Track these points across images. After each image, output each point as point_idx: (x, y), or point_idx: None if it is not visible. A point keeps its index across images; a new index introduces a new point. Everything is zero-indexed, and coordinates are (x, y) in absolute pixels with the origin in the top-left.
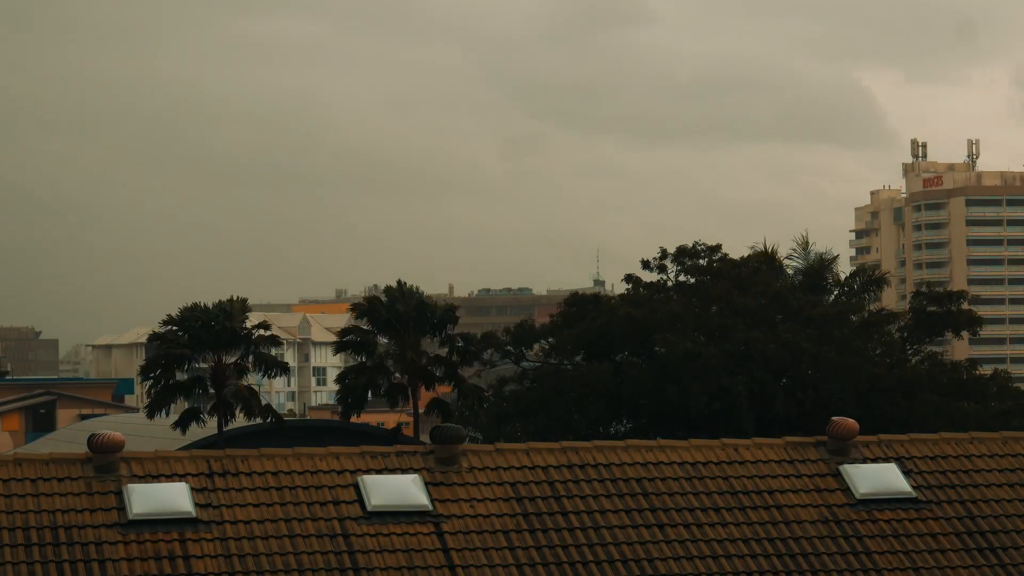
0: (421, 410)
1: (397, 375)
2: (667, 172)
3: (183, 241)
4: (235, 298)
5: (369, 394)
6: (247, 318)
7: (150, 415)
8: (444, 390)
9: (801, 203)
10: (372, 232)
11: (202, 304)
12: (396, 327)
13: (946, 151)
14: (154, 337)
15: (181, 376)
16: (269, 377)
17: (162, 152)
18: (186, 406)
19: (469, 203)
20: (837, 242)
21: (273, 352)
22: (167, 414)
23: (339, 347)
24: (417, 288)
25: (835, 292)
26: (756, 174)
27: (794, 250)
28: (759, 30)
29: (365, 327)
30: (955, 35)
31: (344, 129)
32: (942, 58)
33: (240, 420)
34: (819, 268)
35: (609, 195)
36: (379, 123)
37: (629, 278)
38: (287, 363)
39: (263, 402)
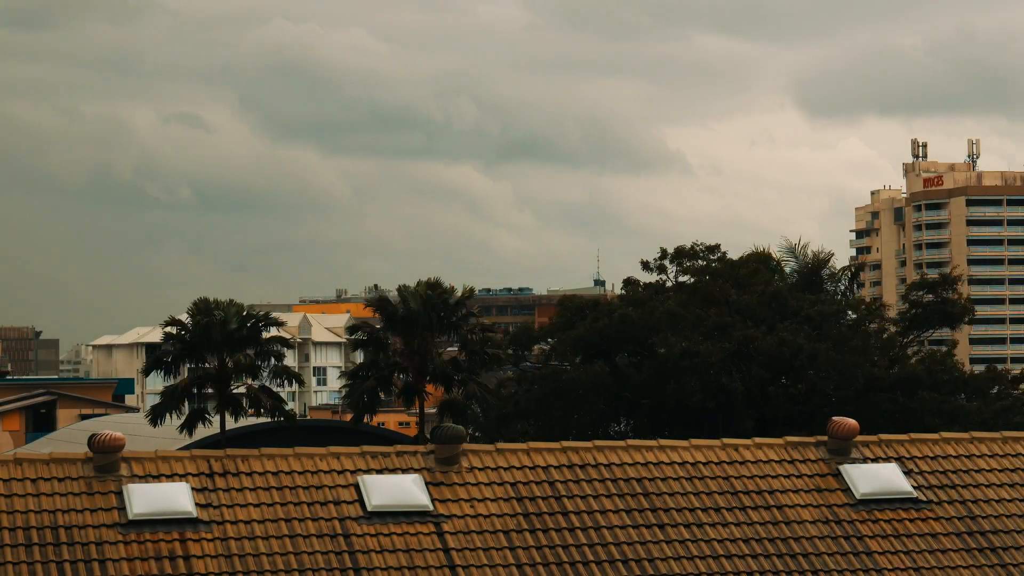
0: (434, 410)
1: (402, 376)
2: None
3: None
4: (233, 301)
5: (381, 395)
6: (252, 320)
7: (154, 421)
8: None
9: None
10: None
11: (212, 300)
12: (407, 326)
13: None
14: (168, 336)
15: (186, 369)
16: (281, 382)
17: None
18: (189, 406)
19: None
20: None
21: (282, 349)
22: (175, 417)
23: (354, 345)
24: (432, 282)
25: (830, 289)
26: (569, 186)
27: (786, 252)
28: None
29: (377, 324)
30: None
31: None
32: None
33: (242, 419)
34: (815, 267)
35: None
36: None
37: (628, 281)
38: (300, 374)
39: (274, 402)
